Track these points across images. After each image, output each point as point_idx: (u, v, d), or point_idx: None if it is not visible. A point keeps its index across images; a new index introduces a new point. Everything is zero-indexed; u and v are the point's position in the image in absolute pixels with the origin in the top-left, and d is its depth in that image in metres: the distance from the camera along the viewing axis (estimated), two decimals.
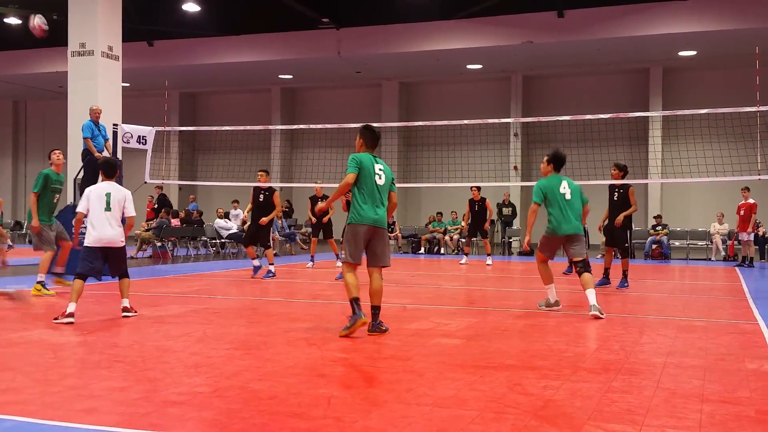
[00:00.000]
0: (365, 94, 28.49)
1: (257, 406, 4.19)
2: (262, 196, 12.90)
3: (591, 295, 8.18)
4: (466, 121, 17.17)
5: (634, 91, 25.36)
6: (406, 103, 28.09)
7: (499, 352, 5.97)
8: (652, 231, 21.05)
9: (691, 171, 17.13)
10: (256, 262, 12.91)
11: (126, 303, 7.87)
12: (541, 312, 8.61)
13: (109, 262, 7.93)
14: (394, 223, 24.04)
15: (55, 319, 7.30)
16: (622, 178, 11.69)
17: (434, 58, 23.83)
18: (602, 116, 15.16)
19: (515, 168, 25.49)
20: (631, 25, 20.89)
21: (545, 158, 9.01)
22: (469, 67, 25.34)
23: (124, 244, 8.01)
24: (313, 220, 14.89)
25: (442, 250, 22.24)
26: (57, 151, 10.37)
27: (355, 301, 6.65)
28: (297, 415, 4.00)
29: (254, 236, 12.95)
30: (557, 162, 8.84)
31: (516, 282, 13.41)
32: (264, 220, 12.65)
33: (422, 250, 22.30)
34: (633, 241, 19.11)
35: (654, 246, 20.44)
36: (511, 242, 22.90)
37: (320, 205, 7.96)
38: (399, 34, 23.10)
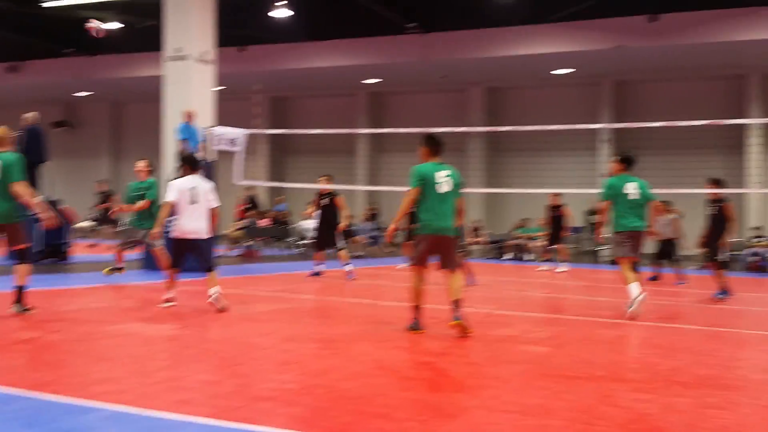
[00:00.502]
0: (450, 99, 28.42)
1: (344, 405, 4.23)
2: (326, 200, 13.11)
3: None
4: (554, 127, 16.91)
5: (727, 98, 24.44)
6: (491, 108, 27.88)
7: (588, 363, 5.84)
8: (751, 243, 20.22)
9: None
10: (320, 267, 13.00)
11: (213, 291, 7.96)
12: (631, 323, 8.38)
13: (195, 255, 8.18)
14: (476, 228, 23.89)
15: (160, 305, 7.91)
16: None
17: (522, 62, 23.57)
18: (698, 122, 14.63)
19: (605, 176, 24.94)
20: (729, 29, 20.15)
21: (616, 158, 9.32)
22: (557, 71, 24.96)
23: (209, 236, 8.23)
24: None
25: (529, 257, 21.92)
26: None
27: (415, 309, 6.92)
28: (383, 416, 4.02)
29: (324, 240, 13.10)
30: (627, 162, 9.04)
31: (605, 291, 13.09)
32: (342, 226, 12.89)
33: (508, 256, 22.04)
34: (731, 254, 18.46)
35: (753, 258, 19.61)
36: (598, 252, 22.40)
37: (390, 227, 7.58)
38: (486, 38, 22.94)
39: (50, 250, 14.22)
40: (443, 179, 7.01)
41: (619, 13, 21.04)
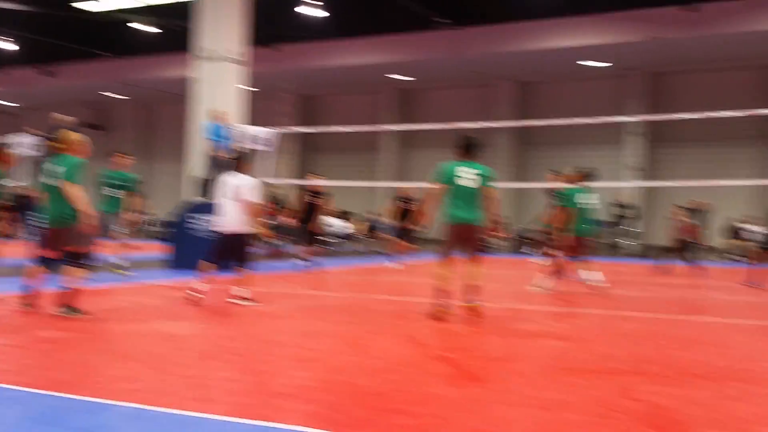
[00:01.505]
0: (479, 94, 28.30)
1: (363, 401, 4.26)
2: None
3: None
4: (587, 120, 16.71)
5: (763, 88, 23.99)
6: (521, 103, 27.70)
7: (608, 356, 5.81)
8: None
9: None
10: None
11: (239, 291, 8.14)
12: (651, 316, 8.30)
13: (231, 251, 8.33)
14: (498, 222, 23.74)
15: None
16: None
17: (553, 56, 23.38)
18: (735, 114, 14.46)
19: (637, 168, 24.61)
20: (763, 18, 19.80)
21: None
22: (588, 63, 24.70)
23: (246, 232, 8.33)
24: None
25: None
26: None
27: (438, 290, 7.46)
28: (402, 412, 4.03)
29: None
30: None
31: (625, 284, 12.96)
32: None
33: (528, 249, 21.87)
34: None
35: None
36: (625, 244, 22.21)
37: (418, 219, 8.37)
38: (517, 32, 22.81)
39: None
40: (467, 175, 7.53)
41: (653, 3, 20.77)
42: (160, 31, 24.71)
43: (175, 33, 23.45)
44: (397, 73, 27.21)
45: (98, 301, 8.22)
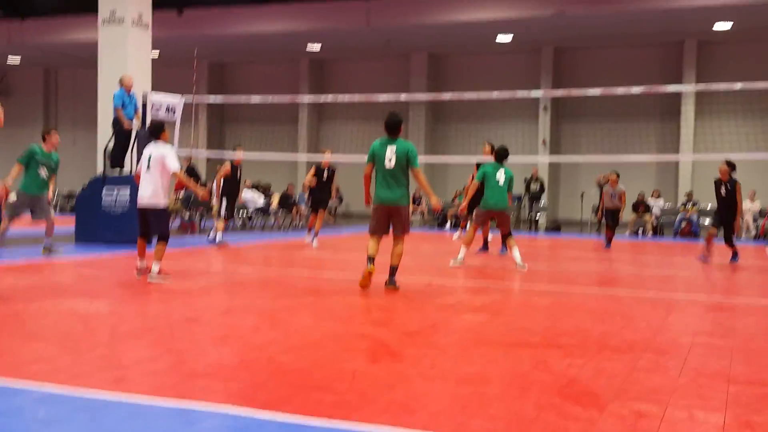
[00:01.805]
0: (393, 66, 28.31)
1: (283, 379, 4.24)
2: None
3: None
4: (495, 93, 17.01)
5: (666, 65, 24.92)
6: (434, 75, 27.87)
7: (524, 330, 5.96)
8: (681, 208, 20.81)
9: (723, 147, 16.87)
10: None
11: (155, 267, 7.96)
12: (566, 290, 8.58)
13: (149, 224, 8.10)
14: (420, 197, 24.02)
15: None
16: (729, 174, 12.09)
17: (464, 28, 23.58)
18: (634, 90, 14.95)
19: (543, 142, 25.26)
20: None
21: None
22: (499, 38, 25.05)
23: (162, 206, 8.11)
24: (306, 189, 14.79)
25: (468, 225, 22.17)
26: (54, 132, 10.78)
27: (368, 258, 7.76)
28: (322, 389, 4.03)
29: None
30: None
31: (542, 259, 13.35)
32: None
33: (448, 224, 22.24)
34: (663, 218, 18.98)
35: (683, 224, 20.22)
36: (538, 219, 22.78)
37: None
38: (429, 4, 22.87)
39: None
40: (389, 154, 7.70)
41: None
42: None
43: None
44: (310, 43, 26.90)
45: (1, 279, 7.89)
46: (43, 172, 10.41)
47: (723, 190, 12.15)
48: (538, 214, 22.86)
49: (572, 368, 4.64)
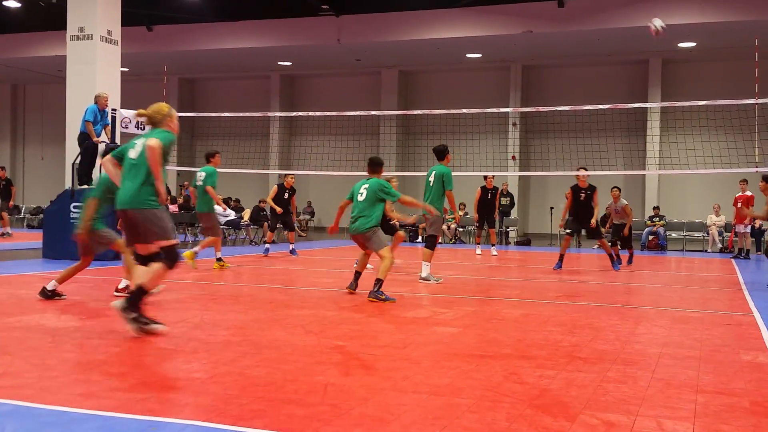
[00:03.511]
0: (364, 82, 28.44)
1: (254, 393, 4.21)
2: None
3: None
4: (465, 110, 17.17)
5: (633, 82, 25.34)
6: (405, 92, 28.04)
7: (496, 341, 5.99)
8: (648, 222, 21.09)
9: (689, 163, 17.17)
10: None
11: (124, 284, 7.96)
12: (537, 302, 8.64)
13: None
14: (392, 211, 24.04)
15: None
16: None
17: (434, 46, 23.77)
18: (601, 107, 15.18)
19: (513, 158, 25.49)
20: (632, 15, 20.83)
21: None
22: (468, 56, 25.29)
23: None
24: (279, 210, 14.98)
25: (440, 240, 22.22)
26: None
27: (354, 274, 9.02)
28: (294, 402, 4.02)
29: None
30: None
31: (513, 271, 13.43)
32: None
33: (419, 239, 22.27)
34: (636, 233, 19.16)
35: (651, 237, 20.48)
36: (508, 232, 22.93)
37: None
38: (399, 22, 23.04)
39: None
40: (362, 191, 8.74)
41: None
42: (19, 5, 23.39)
43: (41, 10, 22.30)
44: (281, 59, 26.93)
45: None
46: None
47: (582, 196, 12.88)
48: (509, 227, 23.01)
49: (543, 379, 4.68)
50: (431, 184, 10.84)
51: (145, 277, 5.76)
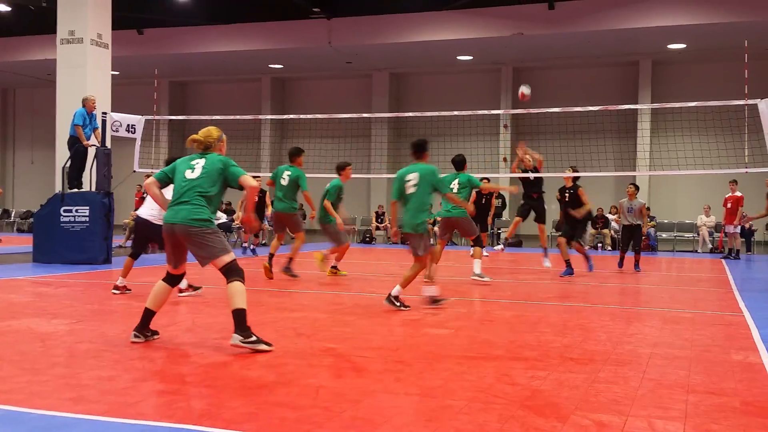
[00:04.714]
0: (355, 85, 28.43)
1: (246, 396, 4.20)
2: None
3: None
4: (456, 112, 17.18)
5: (623, 84, 25.41)
6: (396, 94, 28.04)
7: (487, 343, 6.00)
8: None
9: (679, 164, 17.21)
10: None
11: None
12: (528, 303, 8.65)
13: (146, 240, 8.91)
14: (383, 213, 24.07)
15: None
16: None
17: (425, 48, 23.79)
18: (592, 108, 15.20)
19: (504, 160, 25.51)
20: (622, 17, 20.89)
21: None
22: (459, 58, 25.31)
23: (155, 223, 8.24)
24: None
25: (432, 241, 22.22)
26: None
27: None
28: (285, 405, 4.01)
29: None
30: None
31: (504, 273, 13.44)
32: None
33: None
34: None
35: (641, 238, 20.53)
36: (500, 233, 22.95)
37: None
38: (390, 24, 23.04)
39: None
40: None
41: (520, 0, 21.51)
42: (8, 9, 23.30)
43: (32, 13, 22.21)
44: (272, 62, 26.90)
45: None
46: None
47: (567, 196, 12.62)
48: (500, 229, 23.04)
49: (535, 380, 4.69)
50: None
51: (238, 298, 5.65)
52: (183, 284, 8.37)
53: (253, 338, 5.41)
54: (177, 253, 5.76)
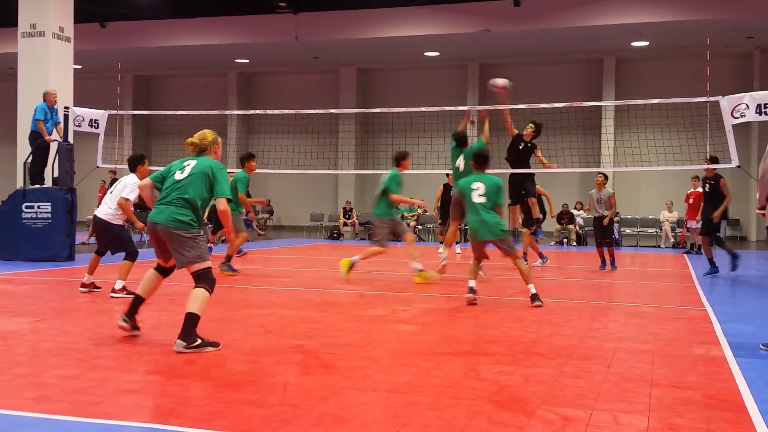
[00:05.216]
0: (323, 80, 28.34)
1: (212, 394, 4.18)
2: None
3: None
4: (423, 108, 17.21)
5: (588, 81, 25.67)
6: (363, 90, 28.01)
7: (455, 339, 6.03)
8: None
9: (642, 160, 17.44)
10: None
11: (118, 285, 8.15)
12: (496, 299, 8.71)
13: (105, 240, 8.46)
14: (351, 209, 24.04)
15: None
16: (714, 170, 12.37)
17: (392, 44, 23.79)
18: (557, 105, 15.34)
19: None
20: (586, 15, 21.11)
21: None
22: (426, 54, 25.36)
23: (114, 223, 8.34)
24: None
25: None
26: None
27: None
28: (253, 403, 3.99)
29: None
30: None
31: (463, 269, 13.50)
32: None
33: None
34: (588, 229, 19.43)
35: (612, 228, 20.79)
36: (467, 229, 23.07)
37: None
38: (357, 19, 23.00)
39: None
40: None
41: None
42: None
43: None
44: (238, 57, 26.70)
45: None
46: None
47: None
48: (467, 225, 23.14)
49: (502, 375, 4.72)
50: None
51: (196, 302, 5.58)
52: (118, 285, 8.16)
53: (197, 342, 5.35)
54: (163, 249, 5.76)
